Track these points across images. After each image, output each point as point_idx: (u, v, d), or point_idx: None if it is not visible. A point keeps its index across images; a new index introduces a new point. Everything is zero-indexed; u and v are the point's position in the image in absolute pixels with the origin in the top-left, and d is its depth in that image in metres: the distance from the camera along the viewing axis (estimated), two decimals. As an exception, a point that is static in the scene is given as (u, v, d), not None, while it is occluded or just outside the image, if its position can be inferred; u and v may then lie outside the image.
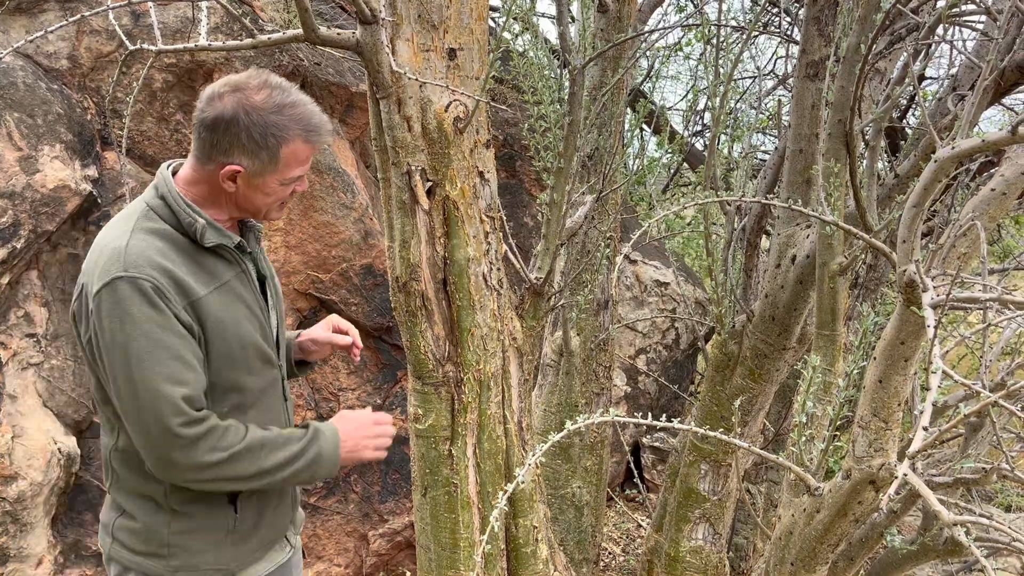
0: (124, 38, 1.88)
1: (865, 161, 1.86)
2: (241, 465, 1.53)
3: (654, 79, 5.95)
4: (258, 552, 1.72)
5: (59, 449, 3.02)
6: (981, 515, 1.87)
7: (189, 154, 1.61)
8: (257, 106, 1.52)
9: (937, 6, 2.28)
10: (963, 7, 2.61)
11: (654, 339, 5.13)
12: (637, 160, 3.27)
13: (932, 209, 2.84)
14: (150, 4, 1.79)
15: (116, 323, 1.44)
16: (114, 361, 1.46)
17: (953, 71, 2.66)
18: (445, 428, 2.17)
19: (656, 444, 5.02)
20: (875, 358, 1.66)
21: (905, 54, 2.00)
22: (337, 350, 2.01)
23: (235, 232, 1.69)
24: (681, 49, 6.26)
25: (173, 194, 1.56)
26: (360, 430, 1.75)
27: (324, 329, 2.00)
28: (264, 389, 1.68)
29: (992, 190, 1.63)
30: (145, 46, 1.88)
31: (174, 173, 1.63)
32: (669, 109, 6.57)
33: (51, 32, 1.60)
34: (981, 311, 1.61)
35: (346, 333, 1.99)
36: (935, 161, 1.34)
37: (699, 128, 6.61)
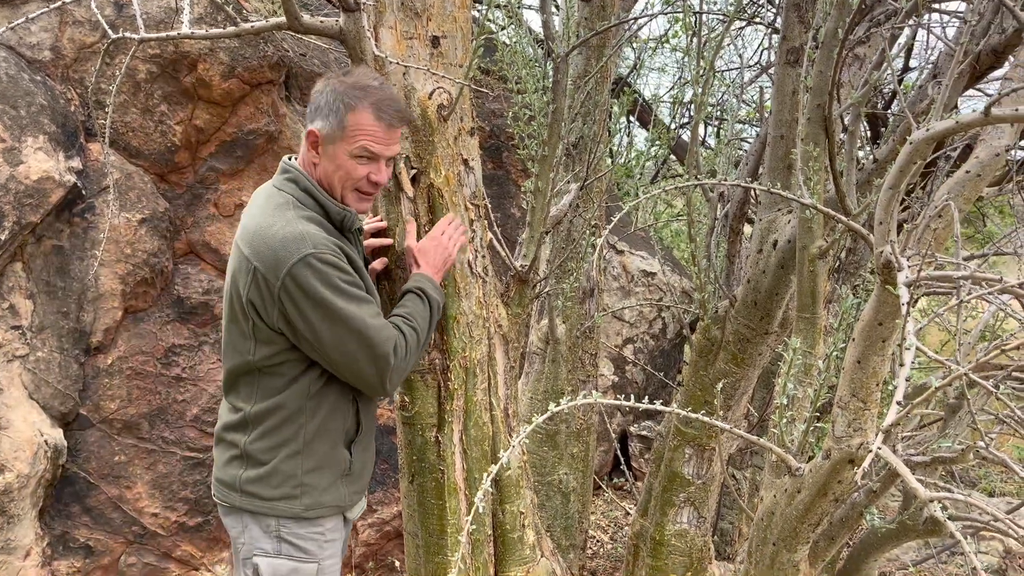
0: (107, 27, 1.88)
1: (845, 146, 1.89)
2: (417, 353, 1.89)
3: (639, 70, 5.97)
4: (358, 494, 2.00)
5: (46, 441, 3.01)
6: (959, 493, 1.90)
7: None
8: (343, 81, 1.77)
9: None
10: (942, -6, 2.64)
11: (641, 328, 5.16)
12: (623, 152, 3.29)
13: (912, 194, 2.87)
14: (132, -8, 1.79)
15: (319, 287, 1.70)
16: (325, 319, 1.72)
17: (933, 59, 2.69)
18: (432, 415, 2.18)
19: (643, 433, 5.06)
20: (854, 339, 1.69)
21: (882, 39, 2.02)
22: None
23: None
24: (668, 41, 6.28)
25: (317, 188, 1.82)
26: (440, 252, 2.00)
27: None
28: None
29: (967, 172, 1.66)
30: (128, 35, 1.88)
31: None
32: (658, 101, 6.58)
33: (33, 21, 1.60)
34: (958, 289, 1.63)
35: None
36: (910, 143, 1.36)
37: (686, 120, 6.64)
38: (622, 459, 4.61)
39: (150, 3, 3.17)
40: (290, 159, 1.88)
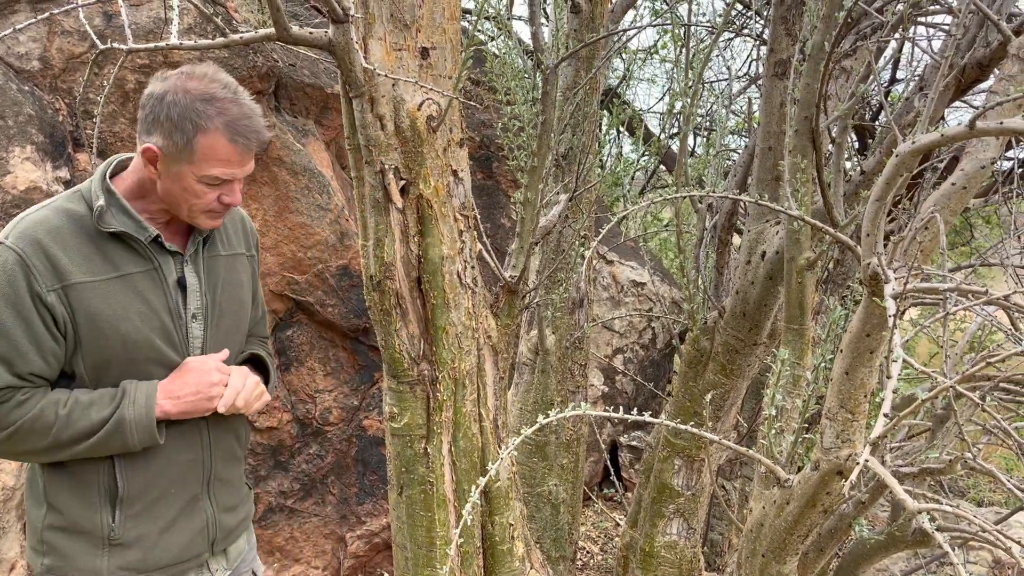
0: (95, 38, 1.88)
1: (832, 158, 1.90)
2: (41, 441, 1.48)
3: (628, 81, 6.00)
4: (142, 573, 1.60)
5: (31, 453, 2.99)
6: (947, 504, 1.91)
7: None
8: (189, 90, 1.50)
9: (899, 7, 2.33)
10: (928, 7, 2.66)
11: (631, 339, 5.17)
12: (613, 161, 3.31)
13: (899, 205, 2.89)
14: (121, 4, 1.78)
15: None
16: None
17: (920, 71, 2.71)
18: (420, 426, 2.17)
19: (634, 443, 5.05)
20: (842, 351, 1.69)
21: (868, 52, 2.04)
22: None
23: (176, 233, 1.66)
24: (657, 52, 6.31)
25: (96, 178, 1.56)
26: (199, 384, 1.62)
27: None
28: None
29: (952, 184, 1.67)
30: (116, 45, 1.87)
31: (122, 167, 1.63)
32: (646, 112, 6.62)
33: (20, 31, 1.60)
34: (948, 303, 1.64)
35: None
36: (896, 156, 1.37)
37: (676, 131, 6.66)
38: (612, 469, 4.61)
39: (139, 13, 3.17)
40: (116, 157, 1.64)
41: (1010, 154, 3.69)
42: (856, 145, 4.68)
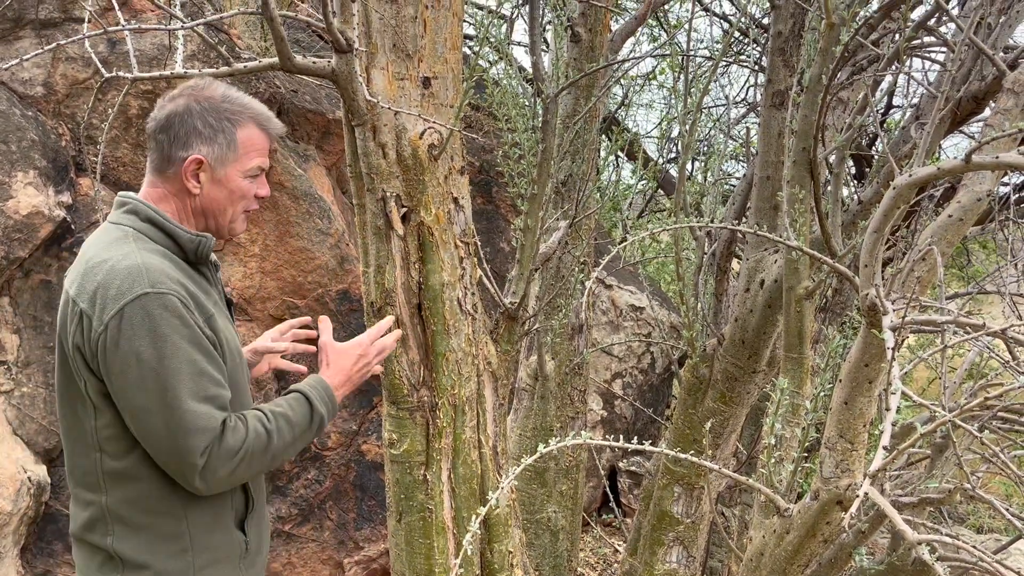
0: (100, 65, 1.90)
1: (830, 188, 1.91)
2: (264, 461, 1.53)
3: (628, 107, 6.04)
4: (259, 573, 1.71)
5: (29, 478, 2.98)
6: (948, 534, 1.90)
7: (146, 175, 1.59)
8: (208, 96, 1.56)
9: (896, 38, 2.36)
10: (924, 39, 2.70)
11: (630, 363, 5.17)
12: (611, 187, 3.33)
13: (897, 233, 2.91)
14: (126, 32, 1.80)
15: (146, 342, 1.39)
16: (142, 381, 1.39)
17: (916, 101, 2.74)
18: (420, 453, 2.17)
19: (633, 469, 5.04)
20: (841, 380, 1.70)
21: (865, 85, 2.07)
22: (282, 358, 1.99)
23: None
24: (655, 78, 6.37)
25: (163, 215, 1.53)
26: (359, 362, 1.76)
27: (266, 340, 1.97)
28: (246, 405, 1.66)
29: (949, 216, 1.69)
30: (121, 74, 1.89)
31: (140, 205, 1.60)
32: (644, 136, 6.66)
33: (27, 60, 1.62)
34: (946, 334, 1.65)
35: (305, 337, 1.98)
36: (893, 188, 1.38)
37: (673, 155, 6.70)
38: (611, 495, 4.59)
39: (143, 40, 3.20)
40: (129, 194, 1.60)
41: (1006, 180, 3.72)
42: (853, 171, 4.71)
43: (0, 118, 3.00)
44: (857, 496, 1.12)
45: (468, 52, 5.56)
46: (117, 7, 1.87)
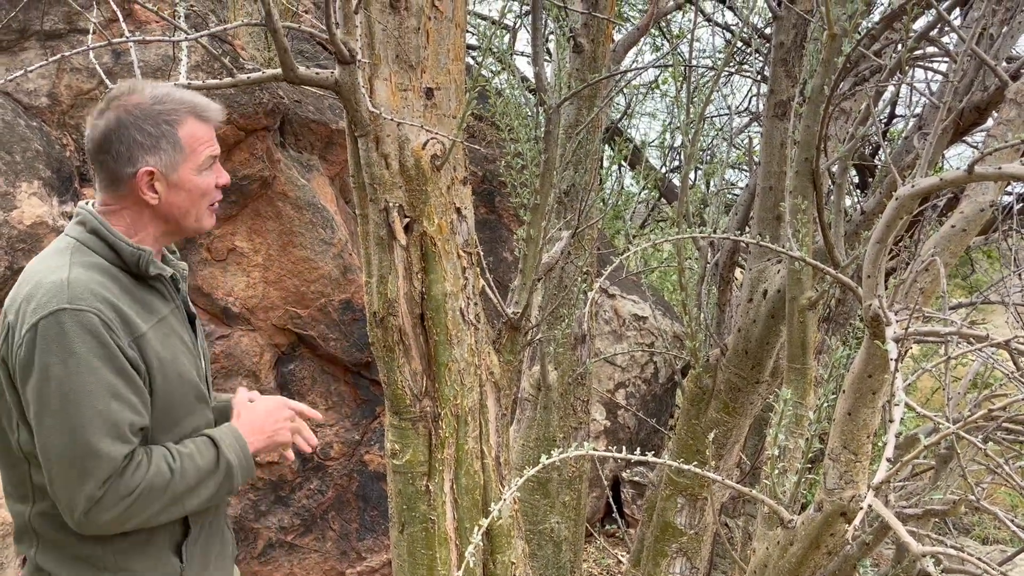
0: (104, 76, 1.91)
1: (832, 198, 1.91)
2: (164, 503, 1.44)
3: (631, 117, 6.05)
4: None
5: (31, 487, 2.98)
6: (952, 546, 1.89)
7: (97, 193, 1.56)
8: (137, 103, 1.49)
9: (899, 49, 2.36)
10: (926, 49, 2.70)
11: (633, 373, 5.16)
12: (613, 196, 3.33)
13: (900, 243, 2.91)
14: (131, 44, 1.81)
15: (56, 359, 1.35)
16: (47, 399, 1.35)
17: (918, 111, 2.74)
18: (422, 463, 2.17)
19: (636, 479, 5.02)
20: (844, 391, 1.69)
21: (867, 96, 2.07)
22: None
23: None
24: (658, 87, 6.38)
25: (107, 227, 1.49)
26: (271, 423, 1.66)
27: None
28: (198, 429, 1.59)
29: (952, 227, 1.68)
30: (125, 85, 1.90)
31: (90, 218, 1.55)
32: (647, 145, 6.67)
33: (32, 71, 1.62)
34: (946, 345, 1.65)
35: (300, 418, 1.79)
36: (896, 199, 1.38)
37: (676, 164, 6.71)
38: (614, 505, 4.58)
39: (147, 51, 3.21)
40: (87, 203, 1.56)
41: (1009, 190, 3.72)
42: (855, 181, 4.71)
43: (5, 129, 3.02)
44: (861, 508, 1.11)
45: (471, 62, 5.58)
46: (122, 18, 1.88)
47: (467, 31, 2.13)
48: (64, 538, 1.47)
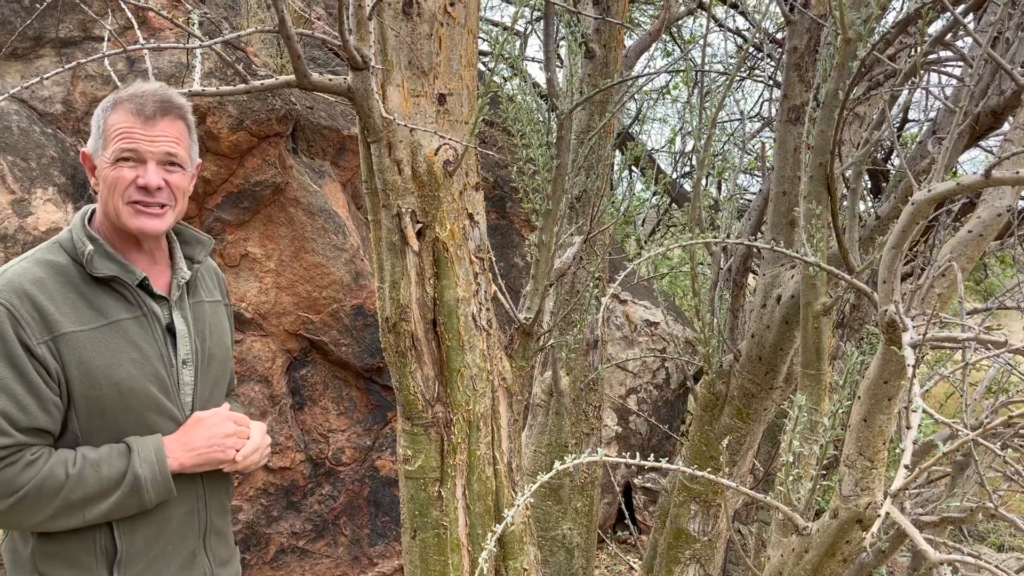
0: (118, 83, 1.92)
1: (847, 203, 1.90)
2: (54, 508, 1.41)
3: (642, 122, 6.04)
4: None
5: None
6: (970, 554, 1.87)
7: None
8: (113, 93, 1.54)
9: (913, 53, 2.34)
10: (940, 54, 2.68)
11: (644, 379, 5.14)
12: (625, 201, 3.32)
13: (915, 248, 2.89)
14: (145, 52, 1.82)
15: None
16: None
17: (933, 116, 2.73)
18: (434, 469, 2.16)
19: (648, 485, 5.00)
20: (859, 397, 1.68)
21: (882, 99, 2.06)
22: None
23: (159, 277, 1.61)
24: (669, 92, 6.37)
25: (76, 226, 1.52)
26: (208, 437, 1.60)
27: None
28: (109, 436, 1.52)
29: (969, 232, 1.67)
30: (140, 92, 1.91)
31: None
32: (657, 151, 6.66)
33: (47, 78, 1.64)
34: (963, 350, 1.63)
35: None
36: (912, 204, 1.37)
37: (687, 170, 6.70)
38: (626, 512, 4.56)
39: (161, 59, 3.24)
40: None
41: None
42: (870, 186, 4.69)
43: (20, 136, 3.04)
44: (878, 515, 1.10)
45: (483, 68, 5.59)
46: (136, 26, 1.90)
47: (479, 37, 2.13)
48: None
